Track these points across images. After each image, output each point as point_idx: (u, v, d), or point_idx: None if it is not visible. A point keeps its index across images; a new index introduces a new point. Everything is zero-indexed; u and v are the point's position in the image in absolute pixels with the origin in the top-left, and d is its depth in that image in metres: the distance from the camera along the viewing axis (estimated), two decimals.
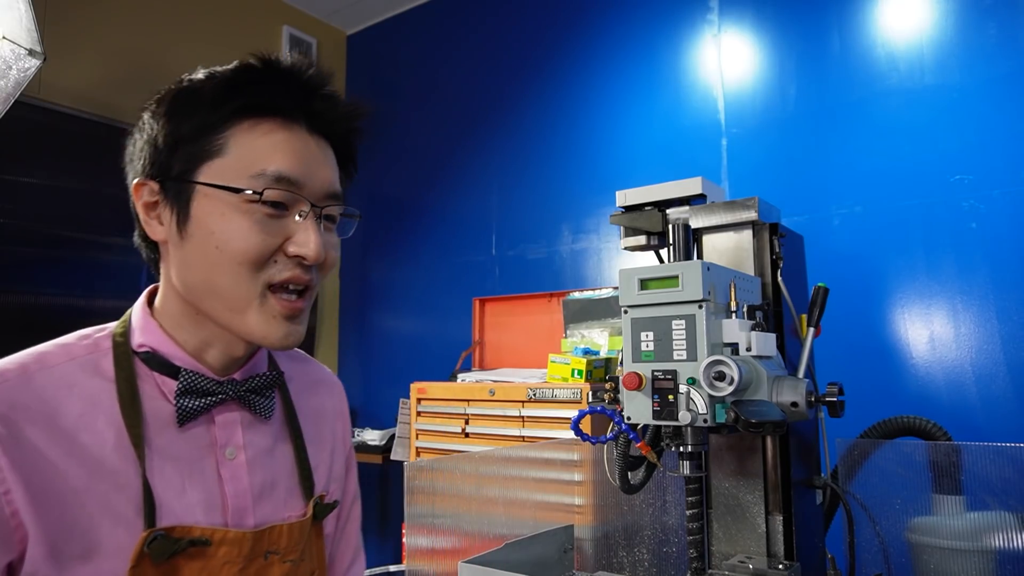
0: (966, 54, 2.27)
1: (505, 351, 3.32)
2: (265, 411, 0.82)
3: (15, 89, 1.47)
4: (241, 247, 0.73)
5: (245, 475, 0.79)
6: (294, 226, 0.75)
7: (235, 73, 0.78)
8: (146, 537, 0.67)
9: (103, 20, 3.17)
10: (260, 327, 0.74)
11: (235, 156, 0.75)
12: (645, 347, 1.04)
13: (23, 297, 2.85)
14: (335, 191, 0.80)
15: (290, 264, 0.75)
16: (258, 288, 0.74)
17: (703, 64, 2.85)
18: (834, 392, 1.09)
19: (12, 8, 1.45)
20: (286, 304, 0.75)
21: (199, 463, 0.76)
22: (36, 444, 0.67)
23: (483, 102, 3.57)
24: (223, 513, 0.76)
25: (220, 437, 0.78)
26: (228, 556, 0.71)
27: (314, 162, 0.78)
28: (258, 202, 0.73)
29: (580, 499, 1.62)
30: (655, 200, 1.31)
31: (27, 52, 1.47)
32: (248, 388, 0.80)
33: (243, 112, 0.76)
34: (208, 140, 0.76)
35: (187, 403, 0.75)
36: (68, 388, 0.72)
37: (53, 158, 3.00)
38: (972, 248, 2.19)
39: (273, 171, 0.74)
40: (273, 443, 0.84)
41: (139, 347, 0.78)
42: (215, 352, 0.79)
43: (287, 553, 0.77)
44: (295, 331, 0.77)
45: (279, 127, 0.77)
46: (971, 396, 2.15)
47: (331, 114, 0.81)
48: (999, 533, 1.21)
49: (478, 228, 3.48)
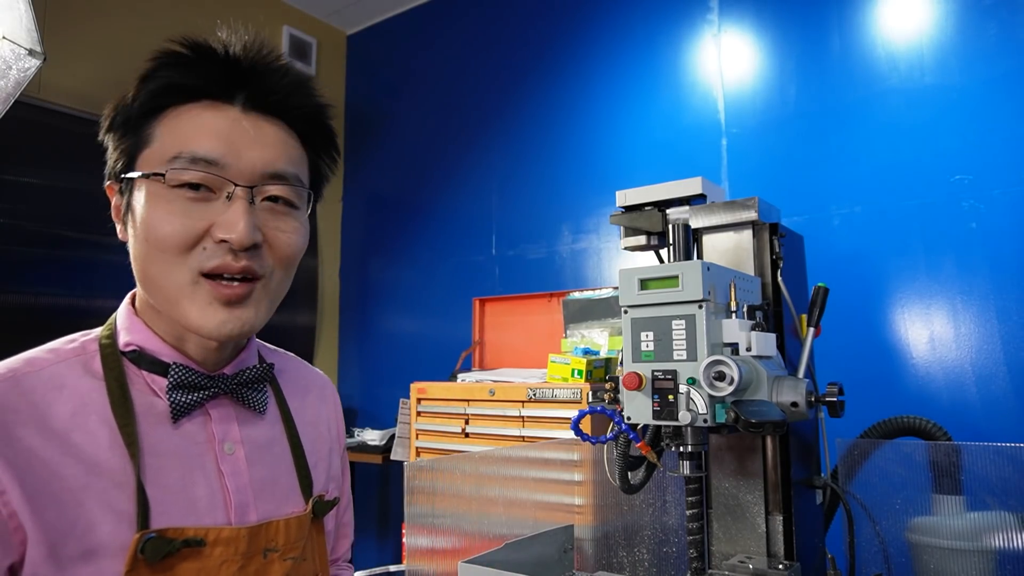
0: (966, 54, 2.27)
1: (505, 351, 3.32)
2: (258, 405, 0.81)
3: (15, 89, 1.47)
4: (161, 233, 0.71)
5: (245, 470, 0.77)
6: (221, 209, 0.72)
7: (156, 60, 0.76)
8: (139, 539, 0.66)
9: (103, 20, 3.17)
10: (194, 315, 0.72)
11: (160, 143, 0.73)
12: (645, 347, 1.04)
13: (23, 297, 2.85)
14: (275, 171, 0.75)
15: (219, 251, 0.71)
16: (188, 275, 0.71)
17: (703, 64, 2.85)
18: (834, 392, 1.09)
19: (12, 8, 1.45)
20: (221, 288, 0.71)
21: (198, 459, 0.75)
22: (29, 445, 0.66)
23: (483, 102, 3.57)
24: (226, 509, 0.74)
25: (217, 432, 0.77)
26: (225, 555, 0.70)
27: (243, 141, 0.73)
28: (178, 186, 0.71)
29: (580, 499, 1.62)
30: (655, 200, 1.31)
31: (27, 52, 1.47)
32: (238, 382, 0.78)
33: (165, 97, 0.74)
34: (139, 131, 0.74)
35: (179, 397, 0.73)
36: (58, 389, 0.71)
37: (53, 158, 3.00)
38: (972, 248, 2.19)
39: (188, 152, 0.71)
40: (270, 439, 0.83)
41: (126, 346, 0.76)
42: (192, 346, 0.77)
43: (287, 551, 0.76)
44: (235, 318, 0.72)
45: (206, 109, 0.74)
46: (971, 396, 2.15)
47: (271, 89, 0.77)
48: (999, 533, 1.21)
49: (478, 228, 3.48)
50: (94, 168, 3.23)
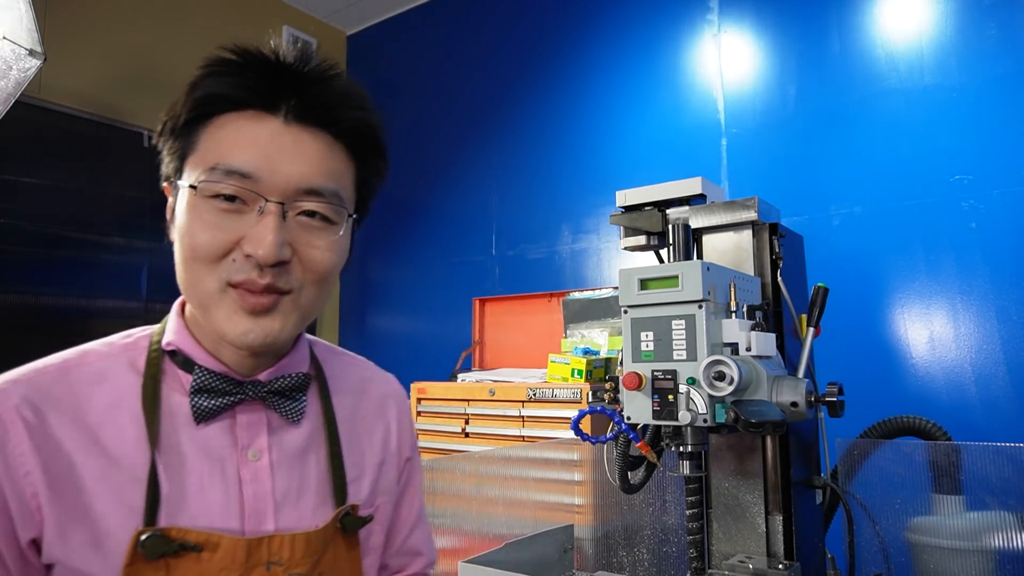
0: (966, 54, 2.27)
1: (505, 351, 3.32)
2: (292, 415, 0.79)
3: (15, 89, 1.47)
4: (193, 242, 0.71)
5: (268, 478, 0.76)
6: (254, 222, 0.71)
7: (204, 67, 0.74)
8: (138, 534, 0.66)
9: (103, 20, 3.17)
10: (221, 323, 0.71)
11: (202, 151, 0.72)
12: (645, 347, 1.04)
13: (23, 297, 2.85)
14: (310, 186, 0.73)
15: (247, 265, 0.70)
16: (216, 284, 0.71)
17: (703, 64, 2.85)
18: (834, 392, 1.09)
19: (12, 8, 1.45)
20: (248, 298, 0.71)
21: (220, 463, 0.74)
22: (59, 434, 0.69)
23: (483, 102, 3.57)
24: (240, 516, 0.73)
25: (242, 438, 0.76)
26: (223, 563, 0.69)
27: (280, 154, 0.72)
28: (212, 196, 0.71)
29: (580, 499, 1.62)
30: (655, 200, 1.31)
31: (27, 52, 1.47)
32: (271, 390, 0.77)
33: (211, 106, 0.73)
34: (187, 137, 0.74)
35: (201, 401, 0.73)
36: (99, 383, 0.73)
37: (53, 158, 3.00)
38: (972, 248, 2.19)
39: (224, 164, 0.70)
40: (305, 448, 0.80)
41: (167, 346, 0.77)
42: (228, 351, 0.77)
43: (292, 566, 0.73)
44: (257, 327, 0.71)
45: (249, 120, 0.73)
46: (971, 396, 2.15)
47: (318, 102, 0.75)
48: (999, 533, 1.21)
49: (478, 228, 3.48)
50: (94, 168, 3.22)
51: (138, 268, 3.18)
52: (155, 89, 3.34)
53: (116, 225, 3.14)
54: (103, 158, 3.16)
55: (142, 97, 3.29)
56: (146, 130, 3.30)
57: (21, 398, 0.70)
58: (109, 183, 3.16)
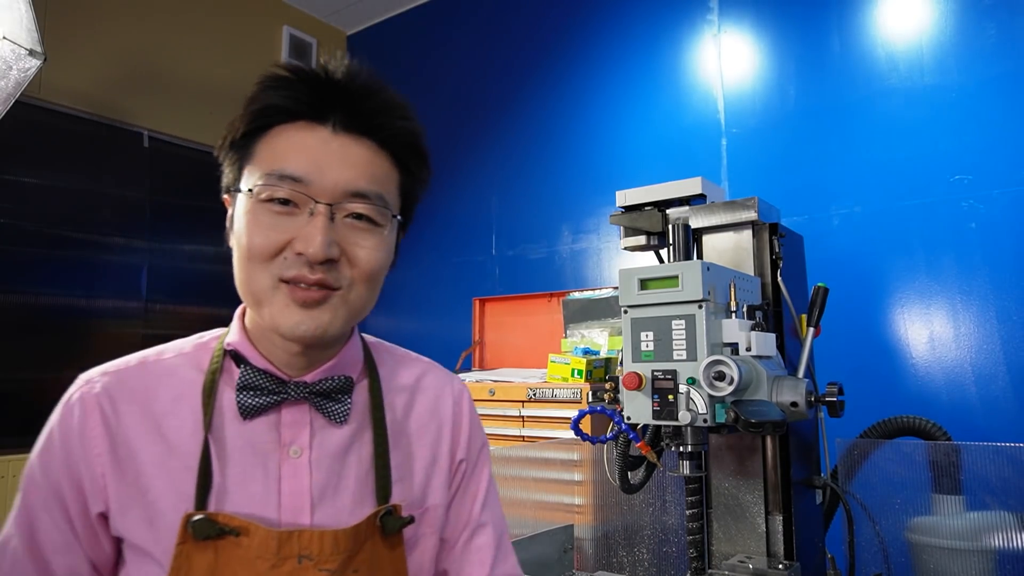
0: (966, 54, 2.27)
1: (505, 351, 3.33)
2: (336, 416, 0.83)
3: (15, 89, 1.47)
4: (249, 243, 0.77)
5: (306, 475, 0.80)
6: (303, 223, 0.77)
7: (260, 83, 0.82)
8: (188, 516, 0.73)
9: (103, 20, 3.18)
10: (274, 316, 0.77)
11: (259, 160, 0.79)
12: (645, 347, 1.04)
13: (23, 297, 2.85)
14: (356, 189, 0.79)
15: (297, 262, 0.76)
16: (269, 280, 0.77)
17: (703, 64, 2.85)
18: (834, 392, 1.09)
19: (12, 8, 1.45)
20: (299, 292, 0.77)
21: (263, 457, 0.79)
22: (127, 421, 0.78)
23: (483, 102, 3.57)
24: (278, 508, 0.78)
25: (285, 436, 0.81)
26: (259, 551, 0.74)
27: (329, 160, 0.79)
28: (267, 200, 0.77)
29: (580, 499, 1.62)
30: (655, 200, 1.31)
31: (27, 52, 1.47)
32: (314, 391, 0.81)
33: (268, 118, 0.80)
34: (245, 148, 0.81)
35: (245, 399, 0.80)
36: (168, 377, 0.82)
37: (53, 158, 3.00)
38: (972, 248, 2.19)
39: (279, 170, 0.77)
40: (346, 448, 0.84)
41: (228, 346, 0.84)
42: (280, 352, 0.82)
43: (322, 561, 0.76)
44: (309, 319, 0.77)
45: (301, 130, 0.80)
46: (971, 396, 2.15)
47: (363, 112, 0.82)
48: (999, 533, 1.21)
49: (478, 228, 3.48)
50: (94, 168, 3.22)
51: (138, 268, 3.18)
52: (155, 89, 3.34)
53: (116, 225, 3.14)
54: (103, 158, 3.16)
55: (142, 97, 3.29)
56: (146, 130, 3.30)
57: (103, 388, 0.79)
58: (109, 183, 3.16)
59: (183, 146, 3.42)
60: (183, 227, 3.34)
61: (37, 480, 0.77)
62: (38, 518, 0.76)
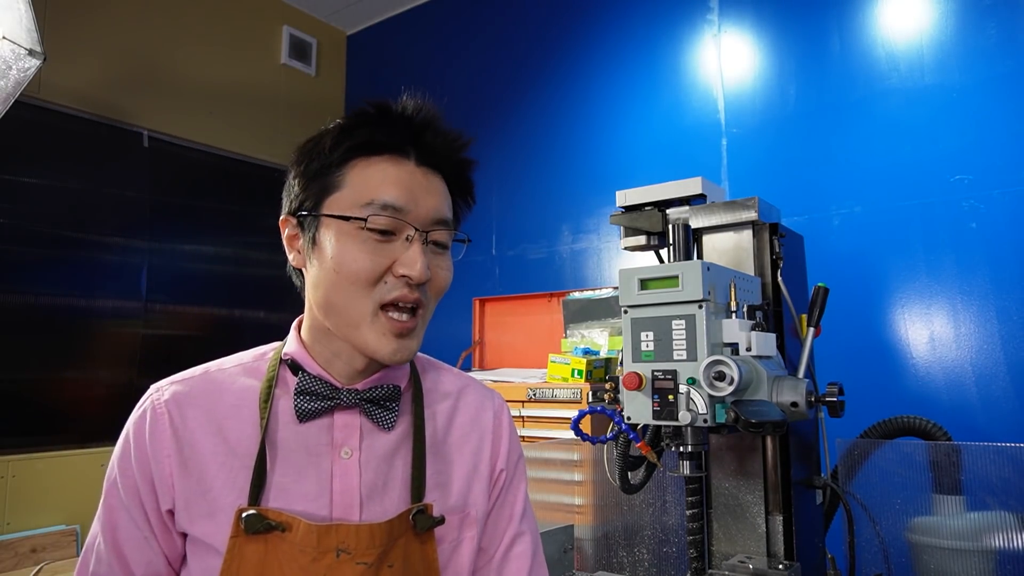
0: (966, 54, 2.27)
1: (505, 351, 3.32)
2: (385, 423, 0.90)
3: (15, 89, 1.46)
4: (354, 268, 0.84)
5: (356, 475, 0.87)
6: (401, 249, 0.85)
7: (350, 118, 0.89)
8: (240, 511, 0.80)
9: (103, 20, 3.17)
10: (372, 342, 0.85)
11: (350, 189, 0.86)
12: (645, 347, 1.04)
13: (23, 297, 2.84)
14: (441, 217, 0.89)
15: (399, 284, 0.84)
16: (370, 306, 0.84)
17: (703, 64, 2.85)
18: (834, 392, 1.09)
19: (12, 8, 1.45)
20: (395, 323, 0.85)
21: (316, 458, 0.86)
22: (194, 425, 0.85)
23: (483, 102, 3.57)
24: (329, 506, 0.85)
25: (338, 438, 0.88)
26: (301, 544, 0.80)
27: (419, 191, 0.87)
28: (366, 228, 0.84)
29: (580, 499, 1.62)
30: (655, 200, 1.31)
31: (27, 52, 1.47)
32: (365, 398, 0.89)
33: (358, 151, 0.87)
34: (330, 177, 0.87)
35: (302, 403, 0.87)
36: (230, 385, 0.90)
37: (53, 158, 3.00)
38: (972, 248, 2.19)
39: (380, 200, 0.84)
40: (393, 451, 0.91)
41: (285, 356, 0.92)
42: (340, 364, 0.90)
43: (359, 555, 0.82)
44: (404, 347, 0.86)
45: (389, 162, 0.87)
46: (971, 396, 2.15)
47: (436, 148, 0.91)
48: (999, 533, 1.21)
49: (478, 228, 3.48)
50: (94, 168, 3.22)
51: (138, 268, 3.17)
52: (155, 89, 3.34)
53: (116, 225, 3.14)
54: (103, 158, 3.16)
55: (142, 97, 3.29)
56: (146, 130, 3.30)
57: (171, 395, 0.87)
58: (109, 183, 3.16)
59: (183, 146, 3.42)
60: (183, 227, 3.34)
61: (116, 481, 0.85)
62: (119, 517, 0.84)
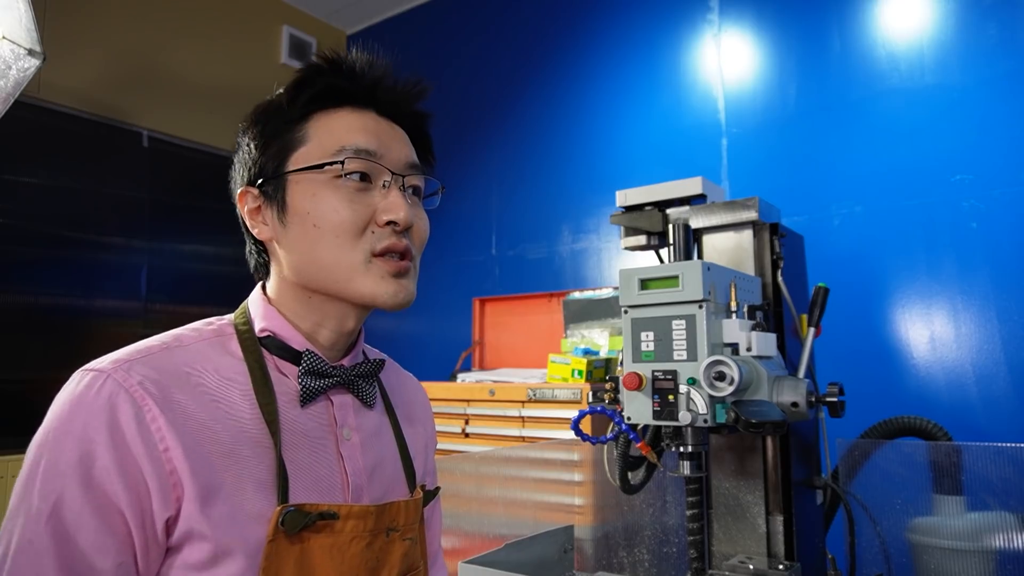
0: (966, 54, 2.27)
1: (505, 351, 3.32)
2: (369, 398, 0.87)
3: (15, 89, 1.46)
4: (336, 220, 0.78)
5: (360, 455, 0.83)
6: (381, 196, 0.81)
7: (304, 72, 0.85)
8: (280, 511, 0.71)
9: (103, 20, 3.17)
10: (371, 287, 0.79)
11: (316, 142, 0.81)
12: (645, 347, 1.04)
13: (23, 297, 2.84)
14: (414, 162, 0.85)
15: (385, 232, 0.80)
16: (361, 256, 0.79)
17: (703, 64, 2.85)
18: (834, 392, 1.09)
19: (12, 8, 1.45)
20: (392, 263, 0.80)
21: (322, 441, 0.81)
22: (185, 407, 0.71)
23: (483, 102, 3.57)
24: (343, 490, 0.80)
25: (338, 417, 0.83)
26: (355, 531, 0.76)
27: (388, 137, 0.84)
28: (342, 175, 0.79)
29: (580, 499, 1.62)
30: (655, 200, 1.31)
31: (27, 52, 1.46)
32: (356, 373, 0.85)
33: (317, 103, 0.83)
34: (291, 134, 0.82)
35: (309, 383, 0.80)
36: (204, 362, 0.77)
37: (53, 158, 3.00)
38: (972, 248, 2.19)
39: (352, 145, 0.80)
40: (379, 429, 0.89)
41: (261, 332, 0.83)
42: (327, 332, 0.84)
43: (405, 531, 0.81)
44: (404, 287, 0.81)
45: (351, 113, 0.84)
46: (972, 396, 2.15)
47: (396, 98, 0.88)
48: (999, 533, 1.21)
49: (478, 228, 3.48)
50: (94, 168, 3.21)
51: (138, 268, 3.17)
52: (155, 89, 3.34)
53: (116, 225, 3.14)
54: (103, 158, 3.16)
55: (142, 97, 3.28)
56: (145, 130, 3.30)
57: (143, 376, 0.71)
58: (109, 183, 3.15)
59: (183, 146, 3.42)
60: (183, 227, 3.34)
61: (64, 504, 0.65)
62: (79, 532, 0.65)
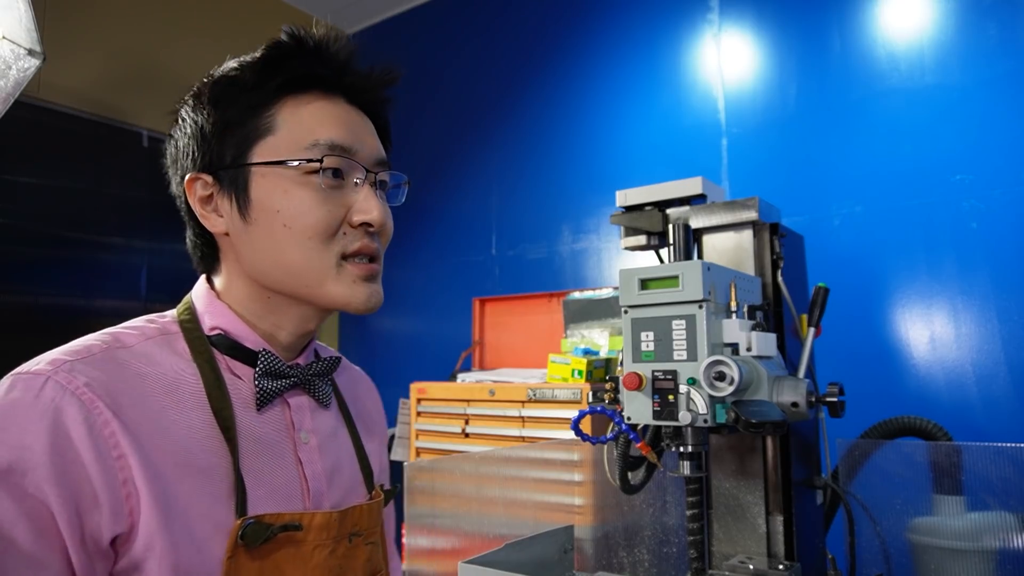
0: (966, 54, 2.27)
1: (505, 351, 3.32)
2: (325, 398, 0.83)
3: (15, 89, 1.46)
4: (309, 221, 0.72)
5: (318, 459, 0.79)
6: (353, 195, 0.76)
7: (270, 51, 0.78)
8: (239, 525, 0.66)
9: (103, 20, 3.17)
10: (343, 293, 0.75)
11: (285, 131, 0.75)
12: (645, 347, 1.04)
13: (23, 297, 2.84)
14: (383, 157, 0.80)
15: (358, 234, 0.75)
16: (332, 259, 0.74)
17: (703, 64, 2.84)
18: (834, 392, 1.09)
19: (12, 8, 1.45)
20: (363, 267, 0.76)
21: (279, 446, 0.76)
22: (135, 413, 0.66)
23: (483, 102, 3.57)
24: (303, 497, 0.76)
25: (296, 421, 0.78)
26: (318, 539, 0.72)
27: (360, 130, 0.78)
28: (318, 172, 0.73)
29: (580, 499, 1.62)
30: (655, 200, 1.31)
31: (27, 52, 1.46)
32: (312, 372, 0.80)
33: (286, 88, 0.76)
34: (256, 120, 0.75)
35: (266, 384, 0.75)
36: (150, 364, 0.70)
37: (53, 158, 3.00)
38: (972, 248, 2.19)
39: (326, 140, 0.74)
40: (335, 430, 0.85)
41: (211, 330, 0.76)
42: (285, 333, 0.79)
43: (368, 535, 0.78)
44: (375, 291, 0.77)
45: (322, 99, 0.78)
46: (972, 396, 2.15)
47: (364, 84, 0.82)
48: (1000, 533, 1.21)
49: (478, 228, 3.48)
50: (94, 168, 3.21)
51: (137, 268, 3.17)
52: (155, 89, 3.34)
53: (116, 225, 3.14)
54: (103, 158, 3.16)
55: (142, 97, 3.28)
56: (145, 130, 3.30)
57: (88, 378, 0.64)
58: (109, 183, 3.15)
59: None
60: (183, 227, 3.33)
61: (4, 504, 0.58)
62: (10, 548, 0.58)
